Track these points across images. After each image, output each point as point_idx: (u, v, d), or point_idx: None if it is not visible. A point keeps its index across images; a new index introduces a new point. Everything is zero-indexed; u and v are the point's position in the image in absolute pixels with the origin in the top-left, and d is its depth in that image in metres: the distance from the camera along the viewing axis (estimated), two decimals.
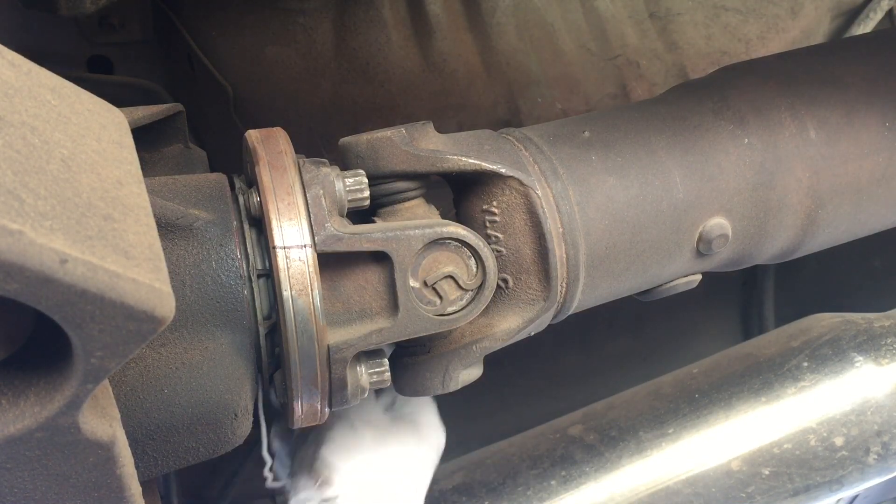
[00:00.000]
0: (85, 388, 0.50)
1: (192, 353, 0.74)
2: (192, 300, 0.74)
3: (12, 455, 0.52)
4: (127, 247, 0.49)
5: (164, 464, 0.76)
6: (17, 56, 0.56)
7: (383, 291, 0.79)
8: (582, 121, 0.93)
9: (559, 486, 1.11)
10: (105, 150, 0.56)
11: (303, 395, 0.78)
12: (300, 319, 0.75)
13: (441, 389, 0.87)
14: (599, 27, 1.47)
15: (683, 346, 1.85)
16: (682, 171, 0.90)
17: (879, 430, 1.10)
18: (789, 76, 0.99)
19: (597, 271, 0.87)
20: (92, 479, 0.56)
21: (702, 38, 1.51)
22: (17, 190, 0.45)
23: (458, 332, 0.85)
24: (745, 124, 0.93)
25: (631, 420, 1.15)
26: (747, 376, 1.16)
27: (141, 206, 0.54)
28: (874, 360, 1.13)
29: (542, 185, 0.84)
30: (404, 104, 1.40)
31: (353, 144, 0.84)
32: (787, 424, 1.12)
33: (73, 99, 0.57)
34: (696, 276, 0.98)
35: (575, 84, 1.47)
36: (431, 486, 1.03)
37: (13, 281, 0.42)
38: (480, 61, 1.42)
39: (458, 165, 0.82)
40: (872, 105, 0.98)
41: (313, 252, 0.75)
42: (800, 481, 1.10)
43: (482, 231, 0.85)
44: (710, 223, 0.91)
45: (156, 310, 0.48)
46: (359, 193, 0.79)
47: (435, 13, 1.39)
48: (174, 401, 0.73)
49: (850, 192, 0.97)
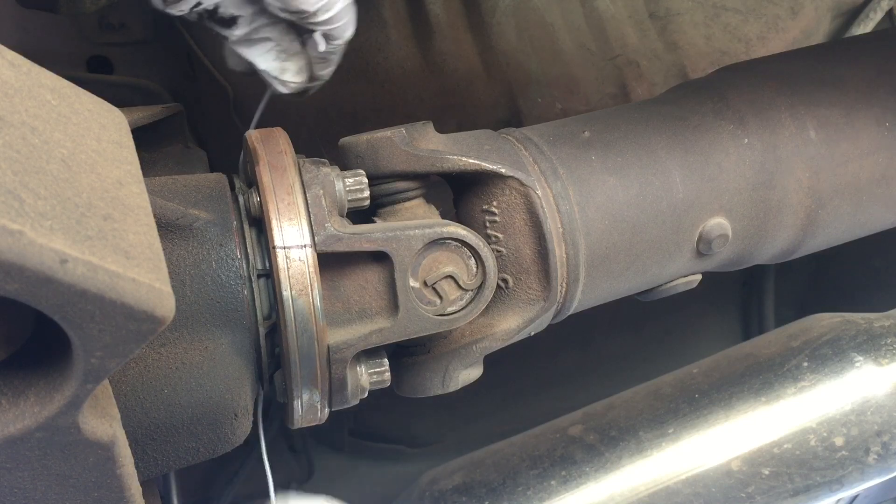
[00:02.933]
0: (85, 388, 0.50)
1: (192, 353, 0.74)
2: (192, 300, 0.74)
3: (12, 455, 0.52)
4: (127, 247, 0.49)
5: (164, 464, 0.76)
6: (17, 56, 0.56)
7: (383, 291, 0.79)
8: (582, 121, 0.93)
9: (559, 486, 1.11)
10: (105, 150, 0.56)
11: (303, 395, 0.79)
12: (300, 319, 0.75)
13: (441, 389, 0.87)
14: (599, 27, 1.47)
15: (683, 346, 1.85)
16: (682, 171, 0.90)
17: (879, 430, 1.10)
18: (789, 76, 0.99)
19: (597, 271, 0.87)
20: (92, 479, 0.56)
21: (702, 38, 1.51)
22: (17, 190, 0.45)
23: (458, 332, 0.85)
24: (745, 124, 0.93)
25: (631, 420, 1.15)
26: (747, 376, 1.16)
27: (141, 206, 0.54)
28: (874, 360, 1.13)
29: (542, 185, 0.84)
30: (404, 104, 1.40)
31: (353, 144, 0.84)
32: (787, 424, 1.12)
33: (73, 99, 0.58)
34: (696, 276, 0.98)
35: (575, 84, 1.47)
36: (431, 486, 1.03)
37: (13, 281, 0.42)
38: (480, 61, 1.42)
39: (458, 165, 0.83)
40: (872, 105, 0.98)
41: (313, 252, 0.75)
42: (800, 481, 1.10)
43: (482, 231, 0.85)
44: (710, 223, 0.91)
45: (156, 310, 0.48)
46: (359, 193, 0.79)
47: (435, 13, 1.38)
48: (174, 401, 0.73)
49: (850, 192, 0.97)
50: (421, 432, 1.73)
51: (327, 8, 0.77)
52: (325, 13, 0.77)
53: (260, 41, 0.84)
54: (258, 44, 0.84)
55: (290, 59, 0.86)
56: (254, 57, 0.85)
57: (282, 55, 0.85)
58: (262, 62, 0.86)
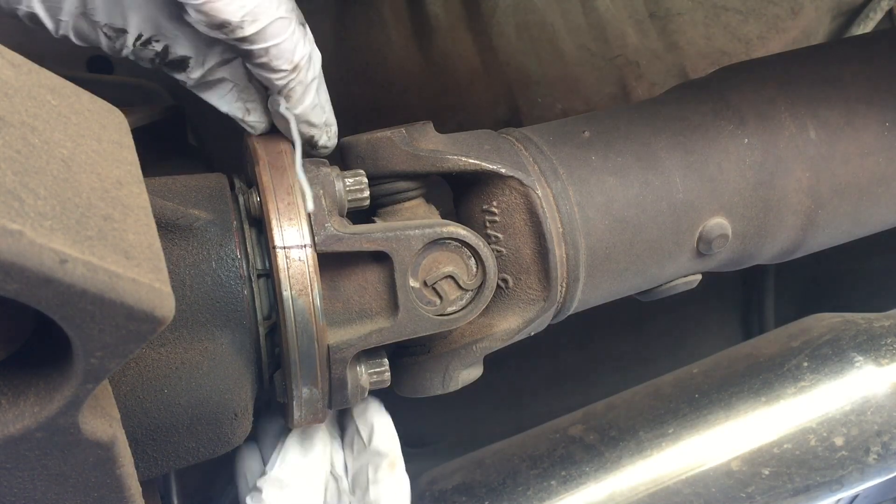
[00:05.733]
0: (85, 388, 0.50)
1: (191, 353, 0.74)
2: (192, 300, 0.74)
3: (12, 455, 0.52)
4: (127, 247, 0.49)
5: (164, 464, 0.76)
6: (17, 56, 0.56)
7: (383, 291, 0.79)
8: (582, 121, 0.93)
9: (559, 486, 1.11)
10: (105, 150, 0.56)
11: (303, 395, 0.78)
12: (300, 319, 0.75)
13: (441, 389, 0.87)
14: (599, 27, 1.47)
15: (683, 346, 1.85)
16: (682, 172, 0.90)
17: (879, 430, 1.10)
18: (789, 76, 0.99)
19: (597, 271, 0.87)
20: (92, 479, 0.56)
21: (702, 38, 1.51)
22: (17, 190, 0.45)
23: (458, 332, 0.85)
24: (745, 124, 0.93)
25: (631, 420, 1.15)
26: (747, 376, 1.16)
27: (141, 206, 0.54)
28: (874, 360, 1.13)
29: (542, 185, 0.84)
30: (404, 104, 1.40)
31: (353, 144, 0.84)
32: (787, 424, 1.11)
33: (73, 99, 0.58)
34: (696, 276, 0.98)
35: (575, 84, 1.47)
36: (431, 486, 1.02)
37: (13, 281, 0.42)
38: (480, 61, 1.42)
39: (458, 165, 0.83)
40: (872, 105, 0.98)
41: (313, 252, 0.75)
42: (800, 481, 1.10)
43: (482, 231, 0.85)
44: (710, 223, 0.91)
45: (156, 310, 0.48)
46: (359, 193, 0.79)
47: (435, 13, 1.39)
48: (174, 401, 0.73)
49: (850, 192, 0.97)
50: (421, 432, 1.73)
51: (253, 18, 0.68)
52: (251, 25, 0.69)
53: (217, 83, 0.79)
54: (216, 86, 0.79)
55: (254, 100, 0.80)
56: (214, 101, 0.80)
57: (243, 95, 0.80)
58: (224, 105, 0.80)
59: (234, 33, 0.69)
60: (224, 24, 0.68)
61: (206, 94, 0.80)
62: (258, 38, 0.70)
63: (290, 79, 0.74)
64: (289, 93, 0.76)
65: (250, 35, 0.69)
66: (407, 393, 0.89)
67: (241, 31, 0.69)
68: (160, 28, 0.73)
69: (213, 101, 0.80)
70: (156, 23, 0.73)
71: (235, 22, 0.68)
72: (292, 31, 0.72)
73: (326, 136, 0.82)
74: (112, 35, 0.74)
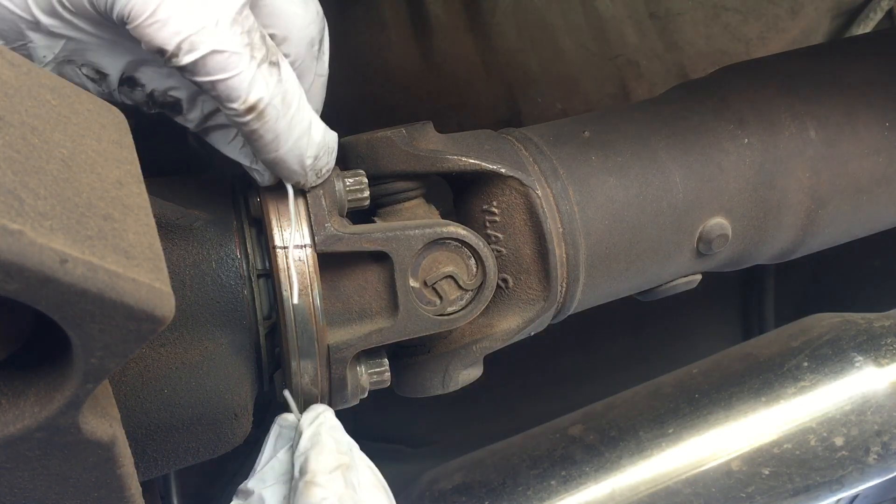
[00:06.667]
0: (85, 388, 0.50)
1: (191, 353, 0.74)
2: (192, 300, 0.74)
3: (12, 455, 0.52)
4: (127, 247, 0.49)
5: (164, 464, 0.76)
6: (16, 56, 0.56)
7: (383, 291, 0.79)
8: (582, 121, 0.93)
9: (559, 486, 1.11)
10: (105, 150, 0.56)
11: (303, 395, 0.78)
12: (300, 319, 0.75)
13: (441, 389, 0.87)
14: (599, 27, 1.47)
15: (683, 346, 1.85)
16: (682, 171, 0.90)
17: (879, 430, 1.10)
18: (789, 76, 0.99)
19: (597, 271, 0.87)
20: (92, 479, 0.56)
21: (702, 38, 1.51)
22: (17, 190, 0.45)
23: (458, 332, 0.85)
24: (745, 124, 0.93)
25: (631, 420, 1.15)
26: (747, 376, 1.16)
27: (141, 206, 0.54)
28: (874, 360, 1.13)
29: (542, 185, 0.84)
30: (404, 104, 1.40)
31: (353, 144, 0.84)
32: (787, 424, 1.12)
33: (73, 99, 0.57)
34: (696, 276, 0.98)
35: (575, 84, 1.47)
36: (431, 486, 1.02)
37: (13, 281, 0.42)
38: (480, 61, 1.42)
39: (458, 165, 0.82)
40: (872, 105, 0.98)
41: (313, 252, 0.75)
42: (800, 481, 1.10)
43: (482, 231, 0.85)
44: (710, 223, 0.91)
45: (156, 310, 0.48)
46: (359, 193, 0.79)
47: (435, 13, 1.39)
48: (174, 401, 0.73)
49: (850, 192, 0.97)
50: (421, 432, 1.73)
51: (191, 47, 0.60)
52: (188, 55, 0.61)
53: (218, 128, 0.73)
54: (217, 131, 0.73)
55: None
56: (220, 146, 0.74)
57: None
58: (230, 151, 0.74)
59: (171, 62, 0.62)
60: (160, 50, 0.61)
61: (211, 139, 0.74)
62: (199, 69, 0.62)
63: (247, 120, 0.65)
64: (255, 139, 0.67)
65: (188, 65, 0.61)
66: (407, 393, 0.89)
67: (177, 61, 0.61)
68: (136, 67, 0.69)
69: (220, 147, 0.74)
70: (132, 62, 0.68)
71: (171, 49, 0.61)
72: (247, 68, 0.63)
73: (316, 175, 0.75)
74: (96, 78, 0.70)
